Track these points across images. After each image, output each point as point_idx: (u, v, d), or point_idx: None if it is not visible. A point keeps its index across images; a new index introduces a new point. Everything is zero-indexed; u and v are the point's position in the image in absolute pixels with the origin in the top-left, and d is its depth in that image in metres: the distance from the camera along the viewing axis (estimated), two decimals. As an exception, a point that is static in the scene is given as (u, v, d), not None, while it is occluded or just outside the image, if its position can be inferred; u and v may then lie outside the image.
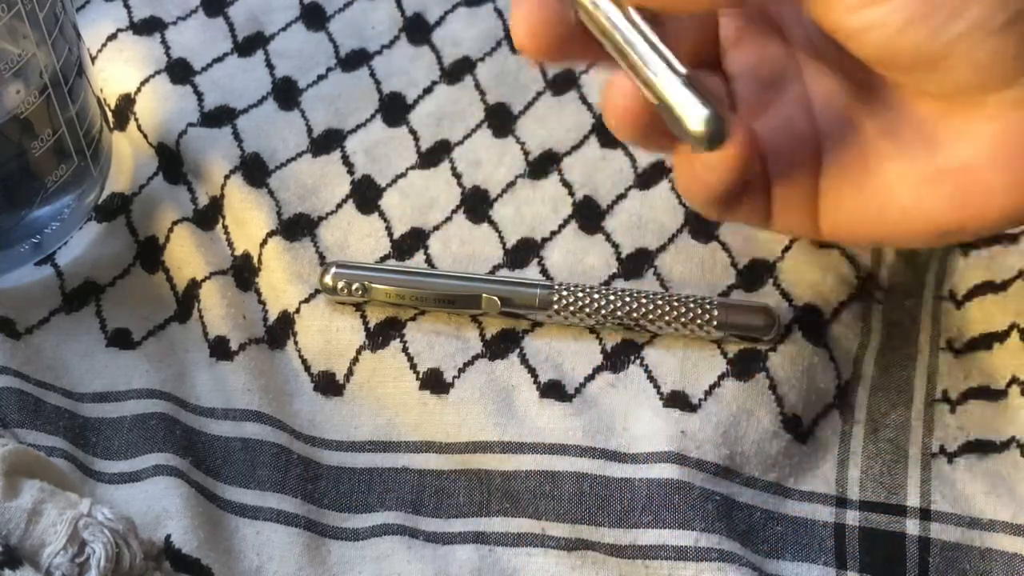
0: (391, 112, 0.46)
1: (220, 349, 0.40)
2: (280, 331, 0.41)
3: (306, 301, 0.40)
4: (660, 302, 0.38)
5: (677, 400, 0.38)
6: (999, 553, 0.35)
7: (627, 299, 0.39)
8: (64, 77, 0.38)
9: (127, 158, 0.45)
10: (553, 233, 0.42)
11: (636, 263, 0.41)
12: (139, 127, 0.45)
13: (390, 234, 0.43)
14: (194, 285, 0.41)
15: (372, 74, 0.47)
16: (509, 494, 0.37)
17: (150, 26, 0.48)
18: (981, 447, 0.38)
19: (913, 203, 0.30)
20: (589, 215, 0.43)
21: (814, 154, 0.33)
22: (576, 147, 0.45)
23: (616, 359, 0.39)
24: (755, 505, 0.36)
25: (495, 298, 0.39)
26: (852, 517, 0.36)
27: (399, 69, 0.47)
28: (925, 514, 0.36)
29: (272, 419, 0.38)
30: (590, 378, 0.39)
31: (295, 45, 0.48)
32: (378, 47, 0.48)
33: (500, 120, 0.46)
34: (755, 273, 0.40)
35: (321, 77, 0.47)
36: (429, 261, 0.42)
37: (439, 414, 0.38)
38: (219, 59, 0.47)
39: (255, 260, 0.42)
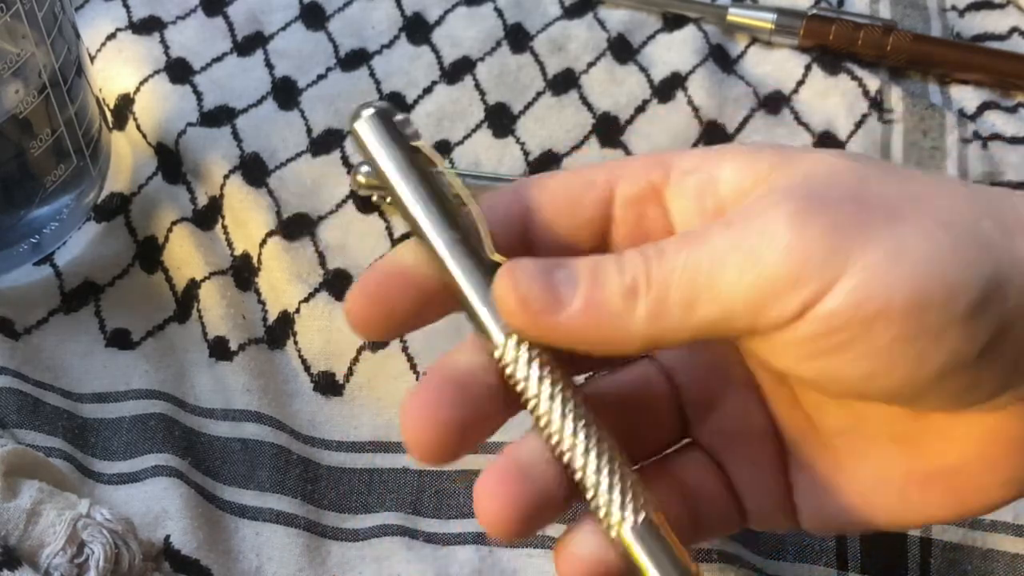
0: (391, 112, 0.46)
1: (219, 349, 0.40)
2: (280, 331, 0.40)
3: (306, 301, 0.40)
4: None
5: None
6: (1001, 554, 0.35)
7: None
8: (63, 77, 0.38)
9: (126, 158, 0.45)
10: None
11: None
12: (138, 127, 0.45)
13: (390, 234, 0.42)
14: (193, 285, 0.41)
15: (372, 74, 0.47)
16: (509, 495, 0.36)
17: (149, 26, 0.48)
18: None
19: (900, 504, 0.27)
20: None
21: (777, 450, 0.28)
22: (576, 147, 0.45)
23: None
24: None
25: None
26: (853, 518, 0.36)
27: (399, 69, 0.47)
28: (927, 514, 0.36)
29: (272, 419, 0.38)
30: (590, 377, 0.38)
31: (295, 45, 0.48)
32: (378, 47, 0.48)
33: (500, 120, 0.46)
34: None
35: (321, 77, 0.47)
36: (429, 261, 0.42)
37: (439, 414, 0.38)
38: (218, 59, 0.47)
39: (255, 260, 0.42)
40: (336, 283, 0.41)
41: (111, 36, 0.47)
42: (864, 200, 0.23)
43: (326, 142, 0.45)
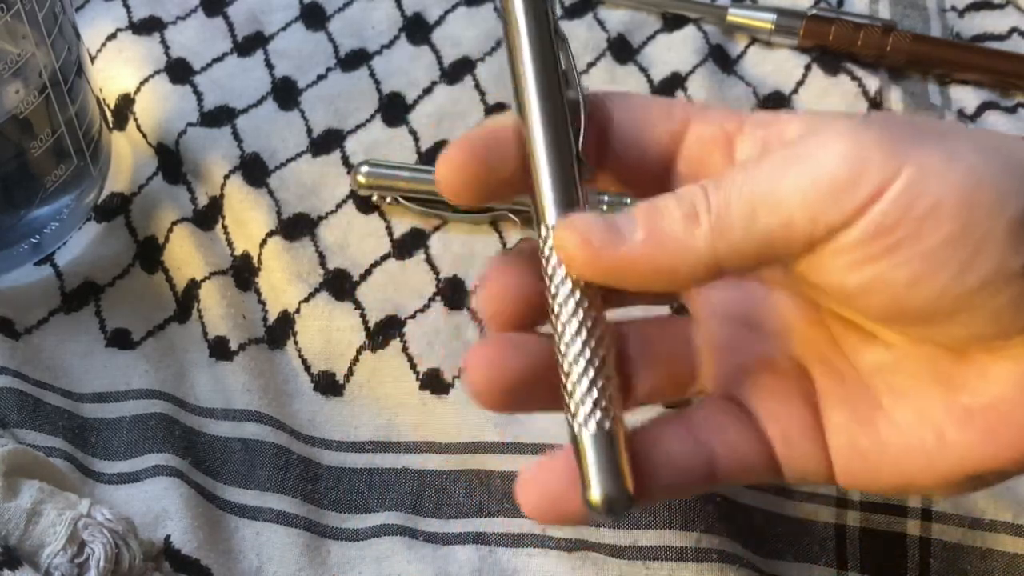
0: (391, 112, 0.46)
1: (220, 349, 0.40)
2: (280, 331, 0.40)
3: (306, 301, 0.40)
4: None
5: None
6: (1000, 554, 0.35)
7: None
8: (63, 77, 0.38)
9: (126, 158, 0.45)
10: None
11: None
12: (139, 127, 0.45)
13: (390, 233, 0.42)
14: (194, 285, 0.41)
15: (372, 74, 0.47)
16: (509, 494, 0.36)
17: (149, 26, 0.48)
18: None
19: (938, 445, 0.26)
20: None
21: (808, 396, 0.28)
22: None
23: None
24: (756, 506, 0.36)
25: None
26: (853, 518, 0.36)
27: (399, 69, 0.47)
28: (926, 514, 0.36)
29: (272, 419, 0.38)
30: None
31: (295, 45, 0.48)
32: (378, 47, 0.48)
33: (500, 120, 0.46)
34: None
35: (321, 77, 0.47)
36: (430, 260, 0.42)
37: (439, 414, 0.38)
38: (219, 59, 0.47)
39: (255, 260, 0.42)
40: (336, 283, 0.41)
41: (111, 36, 0.47)
42: (915, 124, 0.24)
43: (326, 142, 0.45)
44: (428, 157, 0.45)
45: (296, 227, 0.42)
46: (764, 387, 0.28)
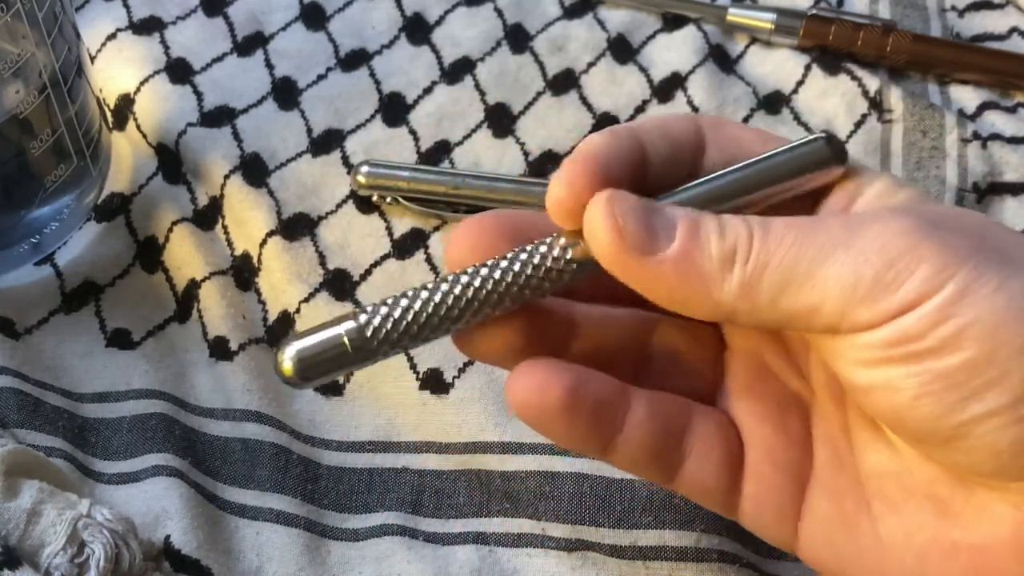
0: (391, 112, 0.46)
1: (220, 349, 0.40)
2: (280, 331, 0.40)
3: (306, 301, 0.40)
4: None
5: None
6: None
7: None
8: (63, 77, 0.38)
9: (126, 158, 0.45)
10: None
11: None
12: (138, 127, 0.45)
13: (390, 233, 0.42)
14: (194, 285, 0.41)
15: (372, 74, 0.47)
16: (509, 494, 0.36)
17: (149, 26, 0.48)
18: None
19: (917, 568, 0.25)
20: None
21: (801, 470, 0.28)
22: (575, 147, 0.45)
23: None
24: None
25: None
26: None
27: (399, 69, 0.47)
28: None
29: (272, 419, 0.38)
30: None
31: (295, 45, 0.48)
32: (378, 47, 0.48)
33: (500, 120, 0.46)
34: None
35: (321, 77, 0.47)
36: (430, 260, 0.42)
37: (439, 414, 0.38)
38: (219, 59, 0.47)
39: (255, 260, 0.42)
40: (336, 283, 0.41)
41: (111, 36, 0.47)
42: (984, 239, 0.23)
43: (326, 142, 0.45)
44: (428, 157, 0.45)
45: (296, 227, 0.42)
46: (763, 442, 0.28)
